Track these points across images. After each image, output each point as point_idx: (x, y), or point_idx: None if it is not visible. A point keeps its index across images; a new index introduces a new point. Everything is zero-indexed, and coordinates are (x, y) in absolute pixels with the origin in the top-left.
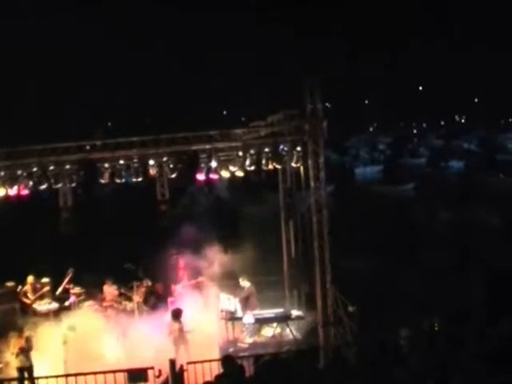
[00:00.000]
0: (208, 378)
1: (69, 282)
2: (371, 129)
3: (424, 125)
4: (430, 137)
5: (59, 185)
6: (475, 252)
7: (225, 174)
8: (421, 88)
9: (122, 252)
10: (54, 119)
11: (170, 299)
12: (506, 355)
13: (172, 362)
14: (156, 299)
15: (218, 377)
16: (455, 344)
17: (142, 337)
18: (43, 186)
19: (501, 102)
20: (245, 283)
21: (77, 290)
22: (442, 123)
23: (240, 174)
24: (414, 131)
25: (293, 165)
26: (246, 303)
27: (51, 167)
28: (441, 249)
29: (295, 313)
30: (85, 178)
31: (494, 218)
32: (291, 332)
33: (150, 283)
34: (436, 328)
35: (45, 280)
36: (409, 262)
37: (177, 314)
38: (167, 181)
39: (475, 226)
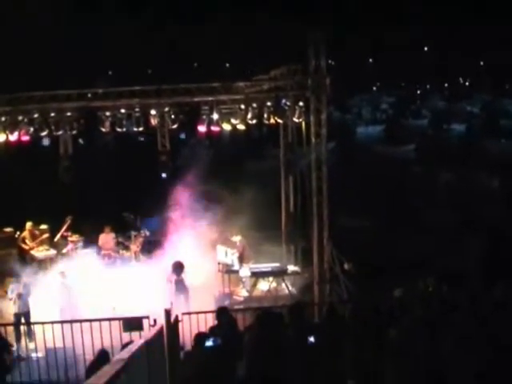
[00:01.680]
0: (202, 329)
1: (67, 230)
2: (374, 88)
3: (427, 86)
4: (433, 98)
5: (60, 132)
6: (474, 214)
7: (226, 126)
8: (426, 49)
9: (121, 201)
10: (56, 66)
11: (168, 250)
12: (498, 319)
13: (167, 312)
14: (154, 250)
15: (211, 328)
16: (448, 306)
17: (139, 286)
18: (44, 133)
19: (506, 66)
20: (235, 238)
21: (75, 237)
22: (446, 85)
23: (241, 127)
24: (418, 92)
25: (294, 120)
26: (240, 257)
27: (52, 114)
28: (440, 210)
29: (291, 268)
30: (85, 126)
31: (494, 181)
32: (287, 287)
33: (147, 233)
34: (430, 289)
35: (43, 227)
36: (408, 222)
37: (178, 268)
38: (168, 131)
39: (475, 189)
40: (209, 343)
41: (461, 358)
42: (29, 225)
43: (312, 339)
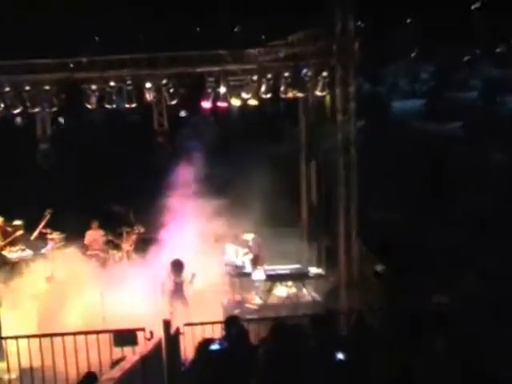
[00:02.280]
0: None
1: (46, 226)
2: (413, 54)
3: (477, 51)
4: (484, 66)
5: (36, 109)
6: None
7: (235, 101)
8: (475, 6)
9: (110, 192)
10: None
11: (165, 249)
12: None
13: (166, 323)
14: (149, 249)
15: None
16: (495, 314)
17: (132, 292)
18: (17, 110)
19: None
20: (248, 236)
21: (55, 234)
22: (499, 50)
23: (254, 102)
24: (465, 58)
25: (317, 93)
26: (254, 258)
27: (27, 87)
28: (489, 198)
29: (314, 270)
30: (67, 102)
31: None
32: (308, 292)
33: (142, 229)
34: (476, 294)
35: (17, 222)
36: (451, 214)
37: (176, 267)
38: (166, 108)
39: None
40: (214, 347)
41: None
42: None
43: (340, 356)
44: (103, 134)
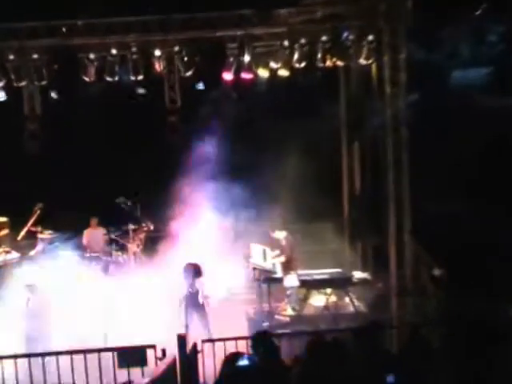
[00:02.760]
0: None
1: (35, 223)
2: (478, 12)
3: None
4: None
5: (23, 83)
6: None
7: (263, 72)
8: None
9: (113, 182)
10: None
11: (180, 250)
12: None
13: (181, 340)
14: (160, 249)
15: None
16: None
17: (140, 302)
18: None
19: None
20: (279, 234)
21: (47, 233)
22: None
23: (285, 73)
24: None
25: (361, 62)
26: (287, 261)
27: (10, 57)
28: None
29: (358, 275)
30: (60, 74)
31: None
32: (352, 302)
33: (151, 226)
34: None
35: (1, 219)
36: None
37: (192, 272)
38: (179, 81)
39: None
40: (243, 362)
41: None
42: None
43: (391, 379)
44: (103, 113)
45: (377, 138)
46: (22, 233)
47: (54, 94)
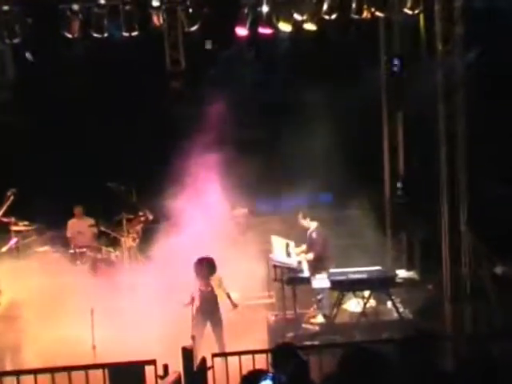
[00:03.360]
0: None
1: (7, 213)
2: None
3: None
4: None
5: None
6: None
7: (284, 26)
8: None
9: (102, 162)
10: None
11: (185, 243)
12: None
13: (187, 353)
14: (160, 243)
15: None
16: None
17: (137, 308)
18: None
19: None
20: (307, 222)
21: (22, 225)
22: None
23: (311, 27)
24: None
25: (406, 12)
26: (316, 258)
27: None
28: None
29: (403, 274)
30: (37, 29)
31: None
32: (395, 307)
33: (150, 216)
34: None
35: None
36: None
37: (203, 270)
38: (183, 38)
39: None
40: (267, 382)
41: None
42: None
43: None
44: (89, 79)
45: (425, 107)
46: None
47: (28, 55)
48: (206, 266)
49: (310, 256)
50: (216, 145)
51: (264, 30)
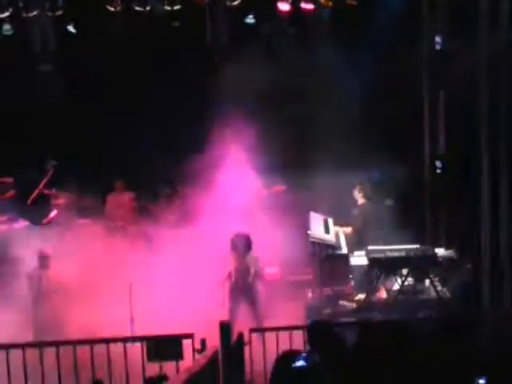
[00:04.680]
0: None
1: (48, 184)
2: None
3: None
4: None
5: (33, 13)
6: None
7: (327, 1)
8: None
9: (142, 136)
10: None
11: (219, 219)
12: None
13: (225, 327)
14: (198, 218)
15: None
16: None
17: (175, 283)
18: (4, 14)
19: None
20: (360, 198)
21: (63, 197)
22: None
23: (353, 2)
24: None
25: None
26: (355, 232)
27: None
28: None
29: (442, 252)
30: (78, 2)
31: None
32: (433, 285)
33: (187, 191)
34: None
35: (7, 180)
36: None
37: (244, 244)
38: (224, 13)
39: None
40: (300, 363)
41: None
42: None
43: (482, 381)
44: (131, 52)
45: (468, 84)
46: (32, 196)
47: (70, 28)
48: (242, 242)
49: (348, 230)
50: (255, 121)
51: (306, 6)
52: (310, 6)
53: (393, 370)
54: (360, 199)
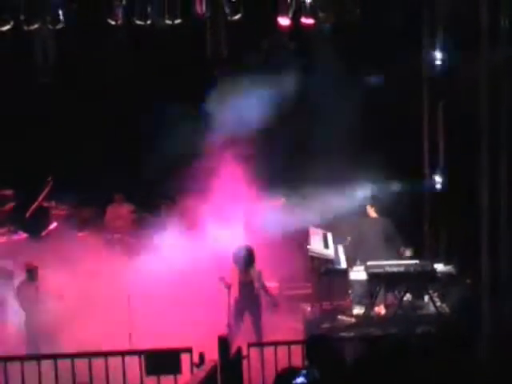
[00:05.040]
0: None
1: (47, 197)
2: None
3: None
4: None
5: (34, 26)
6: None
7: (327, 17)
8: None
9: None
10: None
11: (223, 228)
12: None
13: (223, 341)
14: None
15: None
16: None
17: (174, 295)
18: (5, 27)
19: None
20: (372, 213)
21: (61, 209)
22: None
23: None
24: None
25: None
26: (357, 245)
27: None
28: None
29: (441, 268)
30: (80, 15)
31: None
32: (432, 301)
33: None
34: None
35: (7, 192)
36: None
37: (246, 257)
38: (225, 26)
39: None
40: (300, 380)
41: None
42: None
43: None
44: (131, 65)
45: (467, 97)
46: (32, 208)
47: (70, 39)
48: (245, 255)
49: (348, 240)
50: (255, 134)
51: (306, 20)
52: (310, 21)
53: None
54: (372, 213)
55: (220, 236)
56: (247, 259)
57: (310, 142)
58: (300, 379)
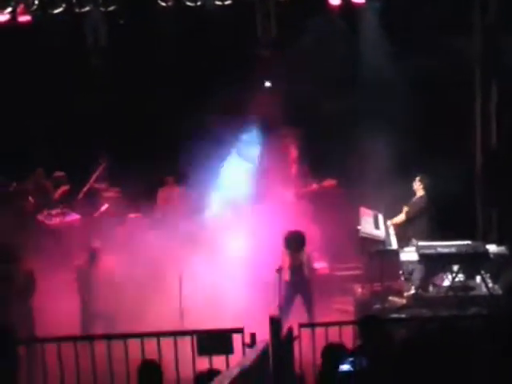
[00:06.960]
0: None
1: (100, 178)
2: None
3: None
4: None
5: (86, 8)
6: None
7: None
8: None
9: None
10: None
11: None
12: None
13: (274, 322)
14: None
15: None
16: None
17: (225, 277)
18: (57, 10)
19: None
20: (419, 190)
21: (113, 192)
22: None
23: None
24: None
25: None
26: (409, 226)
27: None
28: None
29: (494, 249)
30: None
31: None
32: (484, 282)
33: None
34: None
35: (58, 174)
36: None
37: (293, 242)
38: (275, 6)
39: None
40: (345, 366)
41: None
42: (39, 171)
43: None
44: (182, 46)
45: None
46: (84, 190)
47: (121, 22)
48: (296, 240)
49: (397, 220)
50: (307, 115)
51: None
52: (361, 1)
53: (443, 368)
54: (419, 191)
55: (271, 218)
56: (298, 244)
57: (362, 123)
58: (346, 366)
